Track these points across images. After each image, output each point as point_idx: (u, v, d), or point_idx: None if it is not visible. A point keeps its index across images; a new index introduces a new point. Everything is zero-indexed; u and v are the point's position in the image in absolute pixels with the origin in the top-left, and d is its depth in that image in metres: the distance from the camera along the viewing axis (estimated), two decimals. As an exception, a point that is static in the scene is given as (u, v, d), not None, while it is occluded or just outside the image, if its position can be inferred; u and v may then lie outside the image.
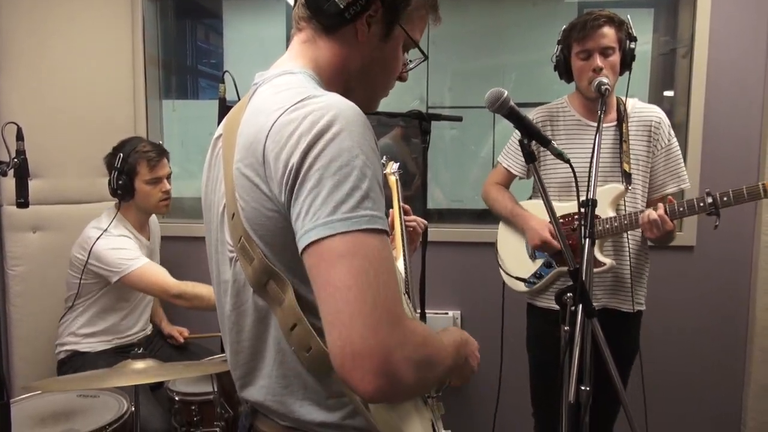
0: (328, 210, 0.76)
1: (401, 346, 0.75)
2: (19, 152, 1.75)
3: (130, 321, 2.51)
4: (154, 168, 2.40)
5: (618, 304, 2.11)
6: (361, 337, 0.73)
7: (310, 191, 0.78)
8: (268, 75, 0.97)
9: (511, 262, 2.28)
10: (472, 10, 3.04)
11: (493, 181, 2.34)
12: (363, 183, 0.78)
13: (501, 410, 2.35)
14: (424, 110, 2.10)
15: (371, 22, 0.96)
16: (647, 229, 1.94)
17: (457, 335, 1.02)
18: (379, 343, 0.73)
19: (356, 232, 0.76)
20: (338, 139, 0.78)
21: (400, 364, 0.74)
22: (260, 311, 0.93)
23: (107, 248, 2.32)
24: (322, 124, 0.79)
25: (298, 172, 0.79)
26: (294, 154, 0.79)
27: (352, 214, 0.76)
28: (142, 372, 1.81)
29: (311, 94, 0.84)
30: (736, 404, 2.89)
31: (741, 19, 2.72)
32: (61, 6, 2.72)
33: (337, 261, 0.75)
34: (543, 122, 2.17)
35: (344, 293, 0.74)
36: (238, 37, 3.15)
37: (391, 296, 0.76)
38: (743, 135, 2.76)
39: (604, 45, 1.98)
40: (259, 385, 0.97)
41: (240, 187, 0.88)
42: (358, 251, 0.75)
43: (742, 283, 2.83)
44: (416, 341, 0.78)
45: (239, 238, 0.89)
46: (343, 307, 0.74)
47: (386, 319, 0.74)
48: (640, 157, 2.09)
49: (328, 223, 0.76)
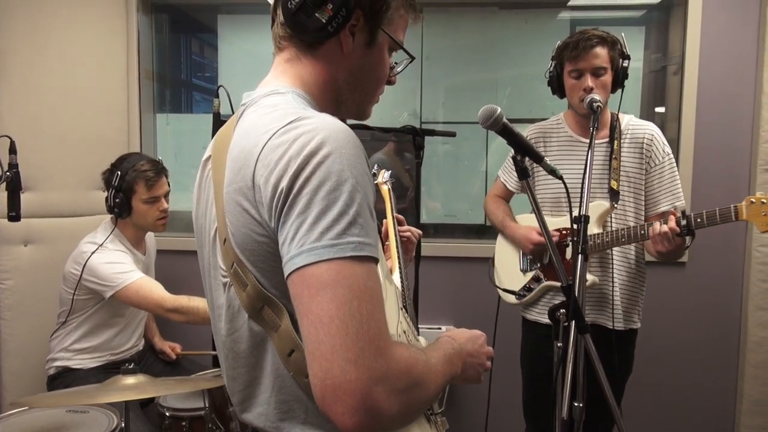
0: (314, 236, 0.75)
1: (383, 380, 0.73)
2: (11, 165, 1.75)
3: (124, 337, 2.48)
4: (152, 187, 2.36)
5: (605, 321, 2.10)
6: (341, 370, 0.71)
7: (297, 216, 0.76)
8: (255, 95, 0.96)
9: (504, 275, 2.30)
10: (465, 26, 3.06)
11: (492, 194, 2.39)
12: (351, 208, 0.76)
13: (491, 423, 2.34)
14: (418, 125, 2.11)
15: (354, 31, 0.95)
16: (658, 242, 1.89)
17: (447, 347, 0.97)
18: (360, 378, 0.71)
19: (341, 259, 0.74)
20: (327, 162, 0.77)
21: (381, 398, 0.72)
22: (256, 337, 0.90)
23: (102, 262, 2.29)
24: (311, 147, 0.77)
25: (287, 196, 0.77)
26: (283, 178, 0.78)
27: (338, 240, 0.75)
28: (133, 387, 1.79)
29: (300, 115, 0.83)
30: (729, 420, 2.89)
31: (731, 36, 2.76)
32: (55, 19, 2.73)
33: (321, 290, 0.73)
34: (536, 139, 2.19)
35: (326, 324, 0.72)
36: (232, 52, 3.16)
37: (375, 327, 0.74)
38: (734, 150, 2.79)
39: (595, 65, 2.00)
40: (257, 411, 0.94)
41: (230, 212, 0.86)
42: (341, 280, 0.74)
43: (734, 298, 2.84)
44: (399, 371, 0.76)
45: (231, 263, 0.87)
46: (324, 339, 0.72)
47: (369, 352, 0.72)
48: (631, 174, 2.09)
49: (313, 249, 0.74)
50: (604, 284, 2.09)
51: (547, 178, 2.14)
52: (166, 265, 2.86)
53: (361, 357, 0.71)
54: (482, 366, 1.06)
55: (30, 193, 2.60)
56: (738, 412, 2.85)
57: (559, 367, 1.50)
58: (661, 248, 1.90)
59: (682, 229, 1.84)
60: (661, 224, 1.88)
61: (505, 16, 3.06)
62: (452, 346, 0.98)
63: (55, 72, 2.73)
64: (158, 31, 3.25)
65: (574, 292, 1.44)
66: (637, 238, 1.97)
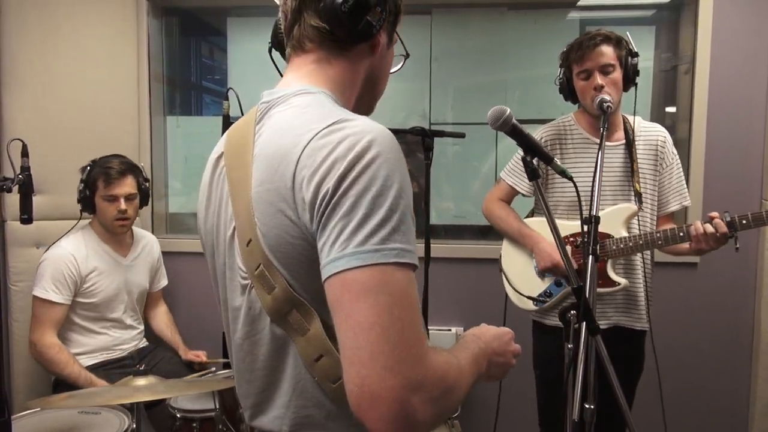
0: (358, 240, 0.74)
1: (420, 388, 0.72)
2: (23, 168, 1.75)
3: (116, 339, 2.51)
4: (109, 185, 2.38)
5: (631, 323, 2.11)
6: (380, 378, 0.71)
7: (341, 218, 0.75)
8: (283, 94, 0.93)
9: (519, 280, 2.23)
10: (474, 27, 3.06)
11: (495, 198, 2.31)
12: (395, 214, 0.75)
13: (502, 429, 2.33)
14: (427, 127, 2.11)
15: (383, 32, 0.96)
16: (702, 242, 1.89)
17: (474, 347, 0.96)
18: (398, 386, 0.71)
19: (385, 265, 0.74)
20: (374, 166, 0.76)
21: (418, 407, 0.72)
22: (278, 341, 0.89)
23: (49, 262, 2.36)
24: (358, 150, 0.77)
25: (332, 197, 0.76)
26: (328, 179, 0.76)
27: (382, 246, 0.74)
28: (144, 389, 1.80)
29: (342, 117, 0.82)
30: (742, 423, 2.86)
31: (742, 35, 2.73)
32: (65, 23, 2.75)
33: (363, 295, 0.73)
34: (552, 141, 2.15)
35: (366, 330, 0.72)
36: (242, 54, 3.18)
37: (414, 335, 0.74)
38: (746, 150, 2.76)
39: (603, 63, 1.99)
40: (273, 415, 0.93)
41: (261, 212, 0.84)
42: (384, 287, 0.73)
43: (747, 300, 2.82)
44: (436, 378, 0.75)
45: (257, 265, 0.86)
46: (364, 345, 0.72)
47: (407, 360, 0.72)
48: (648, 176, 2.10)
49: (357, 253, 0.74)
50: (630, 286, 2.09)
51: (563, 182, 2.12)
52: (173, 266, 2.88)
53: (399, 365, 0.71)
54: (508, 364, 1.04)
55: (42, 195, 2.62)
56: (751, 415, 2.83)
57: (569, 369, 1.49)
58: (705, 247, 1.91)
59: (730, 230, 1.85)
60: (706, 224, 1.88)
61: (514, 17, 3.05)
62: (478, 345, 0.97)
63: (67, 76, 2.75)
64: (168, 35, 3.27)
65: (584, 293, 1.43)
66: (676, 240, 1.96)
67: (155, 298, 2.77)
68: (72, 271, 2.37)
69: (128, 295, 2.55)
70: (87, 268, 2.41)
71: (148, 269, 2.68)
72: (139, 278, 2.61)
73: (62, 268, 2.35)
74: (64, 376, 2.29)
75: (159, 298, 2.80)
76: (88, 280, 2.41)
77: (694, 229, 1.89)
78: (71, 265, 2.37)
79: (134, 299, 2.59)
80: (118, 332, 2.52)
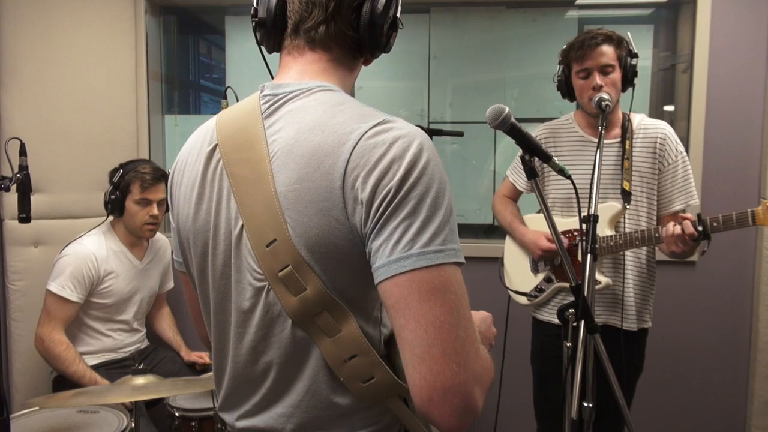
0: (423, 240, 0.76)
1: (480, 380, 0.77)
2: (21, 167, 1.75)
3: (120, 342, 2.51)
4: (146, 189, 2.39)
5: (617, 322, 2.09)
6: (452, 373, 0.74)
7: (404, 219, 0.77)
8: (297, 88, 0.90)
9: (515, 276, 2.29)
10: (473, 25, 3.06)
11: (501, 193, 2.37)
12: (451, 216, 0.80)
13: (503, 423, 2.33)
14: (426, 125, 2.10)
15: None
16: (672, 243, 1.88)
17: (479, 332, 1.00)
18: (468, 379, 0.75)
19: (449, 265, 0.77)
20: (430, 169, 0.79)
21: (479, 398, 0.76)
22: (298, 342, 0.88)
23: (68, 257, 2.35)
24: (414, 151, 0.79)
25: (393, 197, 0.77)
26: (387, 179, 0.77)
27: (444, 247, 0.77)
28: (143, 388, 1.80)
29: (385, 117, 0.84)
30: (739, 420, 2.87)
31: (740, 34, 2.74)
32: (63, 22, 2.75)
33: (432, 295, 0.75)
34: (546, 139, 2.18)
35: (438, 328, 0.74)
36: (240, 53, 3.17)
37: (474, 331, 0.78)
38: (744, 149, 2.77)
39: (602, 63, 1.99)
40: (277, 413, 0.92)
41: (297, 211, 0.82)
42: (450, 286, 0.77)
43: (745, 298, 2.82)
44: (488, 370, 0.80)
45: (282, 266, 0.83)
46: (436, 342, 0.74)
47: (472, 355, 0.76)
48: (644, 174, 2.08)
49: (423, 254, 0.76)
50: (616, 285, 2.08)
51: (558, 179, 2.13)
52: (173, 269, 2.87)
53: (468, 360, 0.75)
54: (490, 347, 1.07)
55: (40, 194, 2.62)
56: (749, 412, 2.83)
57: (568, 367, 1.49)
58: (676, 249, 1.89)
59: (699, 233, 1.83)
60: (675, 225, 1.86)
61: (513, 15, 3.05)
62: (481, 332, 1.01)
63: (65, 75, 2.75)
64: (166, 33, 3.26)
65: (583, 292, 1.43)
66: (651, 241, 1.95)
67: (159, 300, 2.77)
68: (91, 271, 2.37)
69: (140, 298, 2.55)
70: (105, 269, 2.41)
71: (160, 272, 2.68)
72: (151, 282, 2.61)
73: (82, 267, 2.35)
74: (68, 373, 2.29)
75: (163, 300, 2.80)
76: (105, 282, 2.41)
77: (665, 231, 1.89)
78: (91, 265, 2.37)
79: (145, 302, 2.59)
80: (124, 335, 2.51)
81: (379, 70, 3.05)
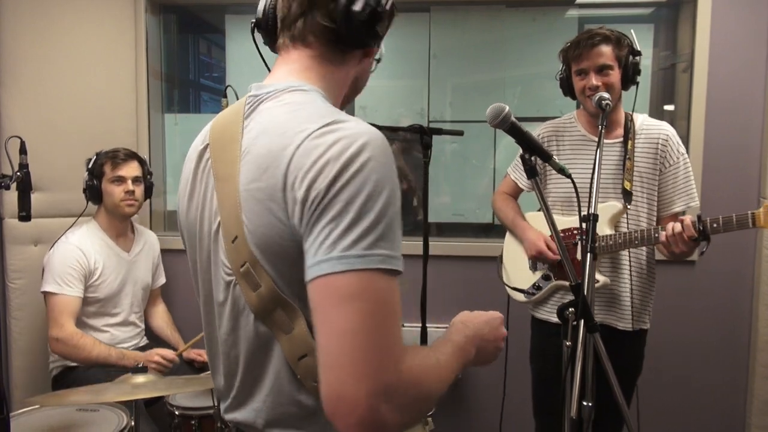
0: (344, 244, 0.74)
1: (393, 396, 0.73)
2: (22, 166, 1.76)
3: (116, 338, 2.51)
4: (117, 166, 2.43)
5: (614, 321, 2.09)
6: (355, 383, 0.72)
7: (330, 221, 0.75)
8: (272, 89, 0.92)
9: (513, 273, 2.29)
10: (473, 24, 3.05)
11: (501, 191, 2.37)
12: (383, 220, 0.76)
13: (505, 424, 2.33)
14: (426, 124, 2.10)
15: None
16: (671, 244, 1.88)
17: (459, 337, 0.96)
18: (372, 393, 0.72)
19: (369, 271, 0.74)
20: (366, 170, 0.76)
21: (388, 414, 0.73)
22: (261, 338, 0.89)
23: (57, 257, 2.36)
24: (351, 152, 0.76)
25: (322, 199, 0.76)
26: (319, 180, 0.76)
27: (368, 252, 0.74)
28: (143, 386, 1.80)
29: (337, 118, 0.82)
30: (739, 420, 2.87)
31: (741, 34, 2.73)
32: (63, 20, 2.74)
33: (345, 300, 0.73)
34: (549, 138, 2.18)
35: (344, 336, 0.72)
36: (240, 51, 3.17)
37: (392, 343, 0.75)
38: (744, 148, 2.77)
39: (599, 63, 1.98)
40: (252, 407, 0.94)
41: (249, 210, 0.84)
42: (365, 293, 0.73)
43: (744, 297, 2.82)
44: (409, 385, 0.76)
45: (242, 262, 0.86)
46: (342, 351, 0.72)
47: (383, 368, 0.73)
48: (645, 175, 2.08)
49: (343, 258, 0.74)
50: (615, 285, 2.08)
51: (559, 178, 2.13)
52: (168, 264, 2.87)
53: (375, 372, 0.72)
54: (498, 349, 1.04)
55: (40, 193, 2.62)
56: (748, 411, 2.83)
57: (568, 366, 1.49)
58: (675, 249, 1.89)
59: (699, 234, 1.83)
60: (675, 226, 1.86)
61: (513, 14, 3.05)
62: (465, 333, 0.98)
63: (65, 73, 2.75)
64: (166, 32, 3.26)
65: (582, 291, 1.43)
66: (651, 241, 1.95)
67: (154, 296, 2.77)
68: (81, 264, 2.38)
69: (132, 290, 2.55)
70: (93, 261, 2.42)
71: (150, 266, 2.68)
72: (142, 273, 2.61)
73: (71, 262, 2.36)
74: (92, 358, 2.31)
75: (158, 296, 2.80)
76: (95, 274, 2.42)
77: (665, 232, 1.89)
78: (80, 259, 2.38)
79: (138, 295, 2.59)
80: (120, 330, 2.51)
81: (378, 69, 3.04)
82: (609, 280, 2.06)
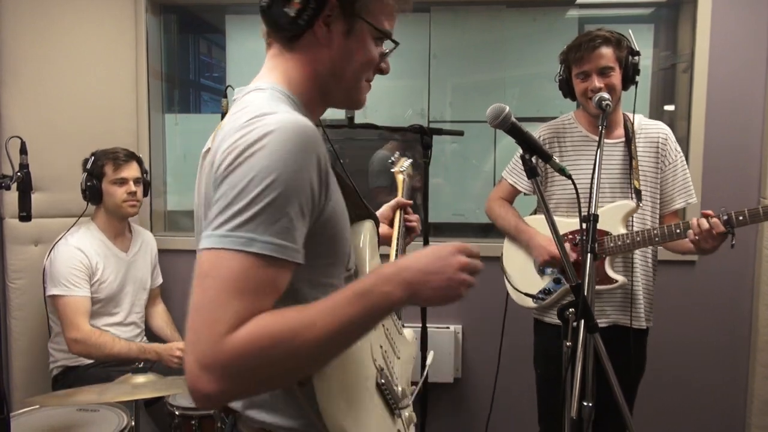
0: (215, 224, 0.79)
1: (211, 365, 0.75)
2: (22, 166, 1.76)
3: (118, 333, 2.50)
4: (119, 168, 2.43)
5: (629, 321, 2.10)
6: (186, 354, 0.77)
7: (216, 201, 0.81)
8: (245, 92, 0.98)
9: (519, 278, 2.24)
10: (473, 25, 3.05)
11: (496, 197, 2.33)
12: (258, 204, 0.78)
13: (502, 425, 2.33)
14: (426, 124, 2.10)
15: (329, 21, 0.95)
16: (701, 240, 1.88)
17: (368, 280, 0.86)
18: (194, 362, 0.76)
19: (225, 250, 0.77)
20: (256, 157, 0.80)
21: (208, 383, 0.76)
22: None
23: (59, 259, 2.36)
24: (250, 141, 0.81)
25: (216, 181, 0.83)
26: (221, 167, 0.82)
27: (233, 233, 0.78)
28: (143, 386, 1.80)
29: (264, 112, 0.85)
30: (739, 420, 2.87)
31: (741, 34, 2.73)
32: (63, 20, 2.75)
33: (199, 276, 0.78)
34: (549, 139, 2.17)
35: (191, 311, 0.78)
36: (240, 52, 3.17)
37: (219, 316, 0.76)
38: (744, 148, 2.77)
39: (601, 66, 1.99)
40: None
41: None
42: (214, 270, 0.78)
43: (744, 297, 2.82)
44: (237, 354, 0.76)
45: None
46: (188, 324, 0.78)
47: (204, 339, 0.76)
48: (648, 174, 2.09)
49: (210, 236, 0.79)
50: (626, 284, 2.09)
51: (561, 180, 2.12)
52: (170, 264, 2.87)
53: (194, 345, 0.76)
54: (454, 280, 0.90)
55: (40, 193, 2.62)
56: (748, 411, 2.84)
57: (568, 367, 1.49)
58: (706, 246, 1.89)
59: (727, 227, 1.84)
60: (700, 222, 1.87)
61: (513, 15, 3.05)
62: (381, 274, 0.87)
63: (65, 73, 2.75)
64: (167, 32, 3.26)
65: (583, 290, 1.43)
66: (673, 237, 1.95)
67: (153, 296, 2.77)
68: (84, 264, 2.38)
69: (132, 290, 2.55)
70: (95, 262, 2.42)
71: (149, 266, 2.68)
72: (140, 273, 2.61)
73: (74, 263, 2.36)
74: (114, 354, 2.32)
75: (157, 297, 2.80)
76: (96, 274, 2.42)
77: (695, 224, 1.89)
78: (82, 259, 2.38)
79: (138, 294, 2.59)
80: (120, 330, 2.51)
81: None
82: (626, 279, 2.06)
